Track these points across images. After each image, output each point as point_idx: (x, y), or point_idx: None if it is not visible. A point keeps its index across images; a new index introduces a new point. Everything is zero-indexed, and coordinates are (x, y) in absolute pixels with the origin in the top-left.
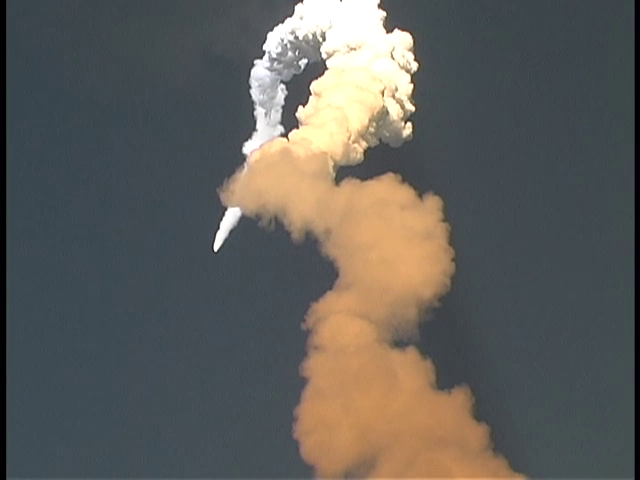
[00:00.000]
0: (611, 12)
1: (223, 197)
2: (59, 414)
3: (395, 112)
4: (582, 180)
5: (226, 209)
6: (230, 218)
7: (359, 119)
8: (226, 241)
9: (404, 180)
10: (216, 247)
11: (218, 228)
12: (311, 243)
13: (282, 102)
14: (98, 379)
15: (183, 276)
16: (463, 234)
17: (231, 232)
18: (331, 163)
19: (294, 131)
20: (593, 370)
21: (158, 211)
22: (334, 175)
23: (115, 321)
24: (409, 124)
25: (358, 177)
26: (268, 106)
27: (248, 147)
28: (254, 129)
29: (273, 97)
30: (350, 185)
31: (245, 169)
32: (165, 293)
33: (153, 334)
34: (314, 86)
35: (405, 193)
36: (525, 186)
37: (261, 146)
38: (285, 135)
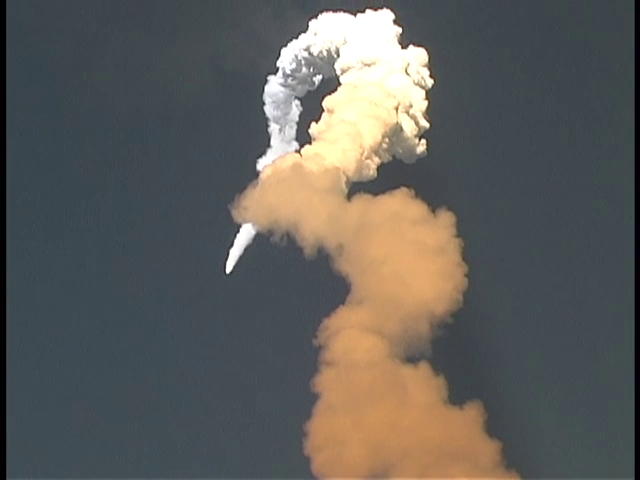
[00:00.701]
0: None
1: (235, 213)
2: (59, 414)
3: (409, 128)
4: (598, 198)
5: (240, 227)
6: (244, 237)
7: (372, 135)
8: (240, 261)
9: (417, 195)
10: (228, 269)
11: (231, 246)
12: (323, 258)
13: (296, 118)
14: (102, 391)
15: (194, 292)
16: (476, 250)
17: (245, 250)
18: (344, 178)
19: (306, 147)
20: (609, 384)
21: (170, 229)
22: (347, 191)
23: (123, 334)
24: (423, 141)
25: (371, 192)
26: (282, 122)
27: (262, 164)
28: (268, 145)
29: (287, 113)
30: (362, 200)
31: (257, 185)
32: (175, 308)
33: (161, 347)
34: (326, 102)
35: (418, 208)
36: (539, 203)
37: (273, 162)
38: (299, 151)
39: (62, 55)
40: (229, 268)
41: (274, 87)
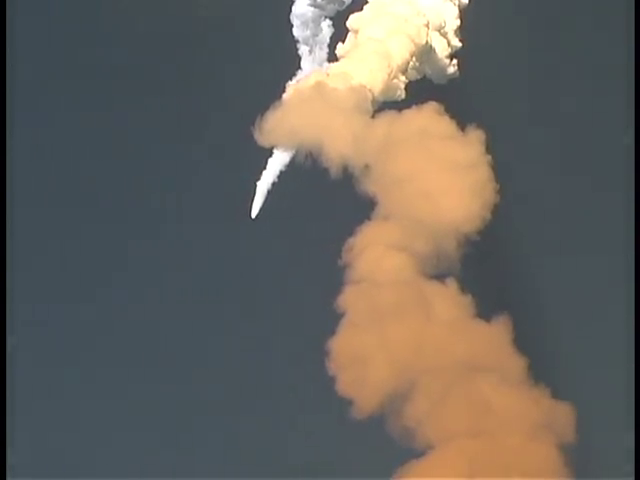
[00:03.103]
0: None
1: (257, 136)
2: (60, 414)
3: (440, 48)
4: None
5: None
6: (277, 161)
7: (401, 54)
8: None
9: (446, 112)
10: (254, 212)
11: (265, 168)
12: (349, 178)
13: (327, 40)
14: (106, 374)
15: (217, 216)
16: (506, 168)
17: (279, 176)
18: (370, 97)
19: (332, 64)
20: None
21: (194, 157)
22: (373, 110)
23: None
24: (455, 60)
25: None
26: (312, 43)
27: None
28: (299, 68)
29: (316, 34)
30: (388, 116)
31: (279, 105)
32: (201, 234)
33: (182, 282)
34: (351, 21)
35: (446, 124)
36: (571, 124)
37: (297, 81)
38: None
39: None
40: (257, 204)
41: (302, 7)
